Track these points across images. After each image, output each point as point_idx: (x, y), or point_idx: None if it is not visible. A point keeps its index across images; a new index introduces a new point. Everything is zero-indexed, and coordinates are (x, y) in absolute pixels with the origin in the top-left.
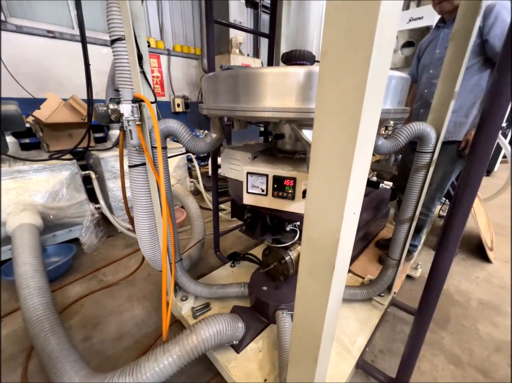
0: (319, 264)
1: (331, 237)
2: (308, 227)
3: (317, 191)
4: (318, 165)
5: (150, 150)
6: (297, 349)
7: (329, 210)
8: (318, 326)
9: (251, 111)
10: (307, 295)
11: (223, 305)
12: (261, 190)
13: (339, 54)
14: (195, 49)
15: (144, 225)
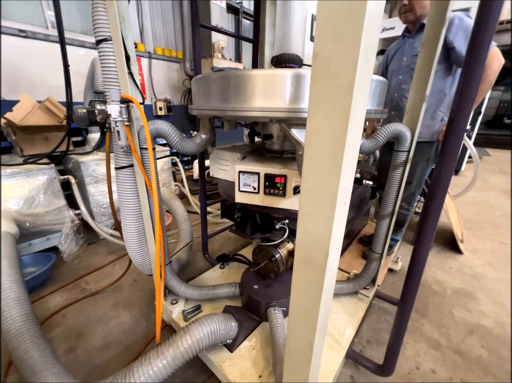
0: (314, 252)
1: (325, 226)
2: (303, 218)
3: (311, 184)
4: (311, 159)
5: (138, 151)
6: (294, 338)
7: (323, 200)
8: (313, 313)
9: (242, 111)
10: (303, 283)
11: (214, 306)
12: (253, 188)
13: (330, 57)
14: (177, 52)
15: (132, 228)
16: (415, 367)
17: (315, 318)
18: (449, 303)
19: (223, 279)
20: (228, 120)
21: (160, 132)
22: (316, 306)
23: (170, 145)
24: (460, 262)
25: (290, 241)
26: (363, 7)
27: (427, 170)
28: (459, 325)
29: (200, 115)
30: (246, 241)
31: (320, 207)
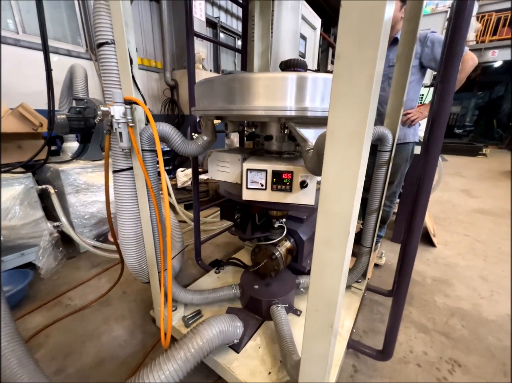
0: (335, 233)
1: (346, 207)
2: (324, 202)
3: (332, 170)
4: (333, 146)
5: (141, 153)
6: (313, 321)
7: (344, 184)
8: (334, 291)
9: (253, 109)
10: (324, 263)
11: (214, 310)
12: (261, 185)
13: (351, 57)
14: (156, 62)
15: (130, 233)
16: (409, 351)
17: (336, 295)
18: (430, 291)
19: (220, 283)
20: (232, 121)
21: (164, 134)
22: (337, 285)
23: (172, 147)
24: (435, 254)
25: (287, 240)
26: (381, 14)
27: (405, 170)
28: (441, 310)
29: (205, 115)
30: (237, 246)
31: (341, 190)
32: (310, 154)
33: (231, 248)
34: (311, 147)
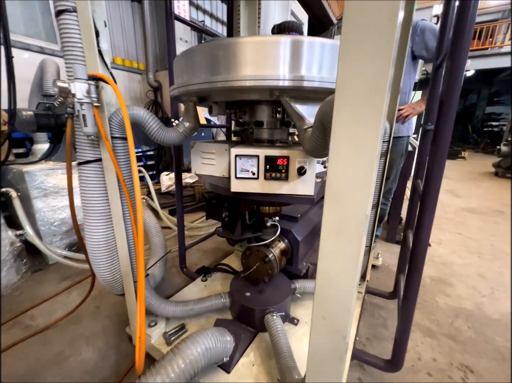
0: (349, 218)
1: (362, 183)
2: (333, 180)
3: (343, 137)
4: (344, 105)
5: (110, 140)
6: (320, 332)
7: (359, 155)
8: (347, 293)
9: (239, 80)
10: (333, 258)
11: (201, 323)
12: (252, 174)
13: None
14: (138, 63)
15: (100, 237)
16: (417, 358)
17: (349, 298)
18: (430, 291)
19: (207, 292)
20: (216, 103)
21: (137, 119)
22: (351, 284)
23: (148, 135)
24: (430, 253)
25: (281, 240)
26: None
27: (400, 166)
28: (444, 311)
29: (185, 92)
30: (226, 252)
31: (356, 162)
32: (309, 133)
33: (219, 254)
34: (309, 125)
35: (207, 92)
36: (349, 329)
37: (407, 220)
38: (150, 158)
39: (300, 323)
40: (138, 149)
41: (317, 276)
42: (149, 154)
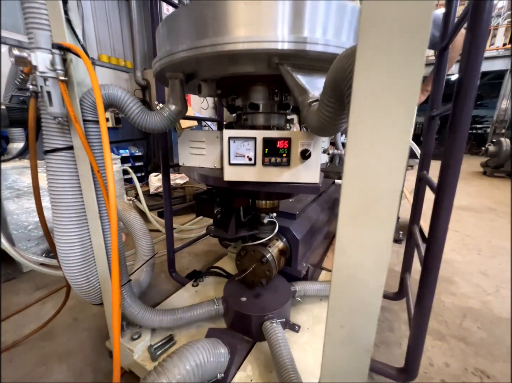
0: (377, 196)
1: (395, 152)
2: (355, 150)
3: (368, 92)
4: (372, 47)
5: (81, 123)
6: (337, 343)
7: (390, 111)
8: (374, 293)
9: (230, 43)
10: (358, 250)
11: (191, 334)
12: (248, 159)
13: None
14: (126, 62)
15: (72, 237)
16: (429, 364)
17: (376, 300)
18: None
19: (199, 298)
20: (205, 81)
21: (113, 100)
22: (379, 282)
23: (128, 118)
24: None
25: (278, 239)
26: None
27: None
28: (451, 311)
29: (169, 64)
30: (219, 254)
31: (385, 122)
32: (315, 107)
33: (211, 257)
34: (314, 99)
35: (194, 64)
36: (373, 339)
37: (412, 215)
38: (138, 159)
39: (301, 329)
40: (125, 150)
41: (333, 274)
42: (137, 155)
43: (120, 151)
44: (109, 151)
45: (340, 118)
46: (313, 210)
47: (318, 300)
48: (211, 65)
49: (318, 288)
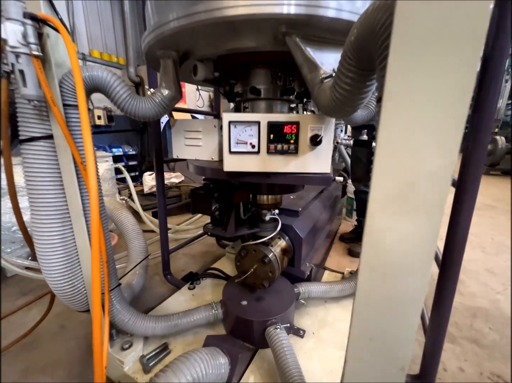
0: (422, 176)
1: (448, 125)
2: (392, 118)
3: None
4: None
5: (61, 108)
6: (363, 359)
7: (446, 73)
8: (414, 300)
9: (228, 7)
10: (395, 245)
11: (188, 342)
12: (251, 146)
13: None
14: (118, 58)
15: (54, 237)
16: (442, 369)
17: (418, 305)
18: None
19: (196, 302)
20: (201, 61)
21: (98, 83)
22: (424, 272)
23: (115, 104)
24: None
25: (281, 238)
26: None
27: None
28: (461, 311)
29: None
30: (216, 255)
31: (430, 93)
32: (328, 84)
33: (209, 258)
34: (328, 75)
35: (188, 38)
36: (411, 354)
37: None
38: (132, 158)
39: (306, 334)
40: (118, 148)
41: (360, 275)
42: (131, 154)
43: (113, 149)
44: (90, 139)
45: (361, 92)
46: (315, 207)
47: (323, 302)
48: (207, 39)
49: (323, 289)
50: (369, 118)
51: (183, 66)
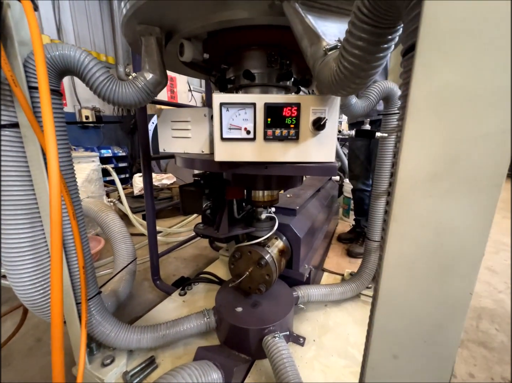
0: (467, 146)
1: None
2: (425, 78)
3: None
4: None
5: (26, 92)
6: (386, 377)
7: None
8: (456, 301)
9: None
10: (438, 229)
11: (178, 354)
12: (246, 132)
13: None
14: (107, 57)
15: (22, 240)
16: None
17: (467, 295)
18: None
19: (187, 309)
20: (188, 39)
21: (70, 63)
22: (471, 272)
23: (91, 89)
24: None
25: (277, 238)
26: None
27: None
28: None
29: (140, 14)
30: (209, 259)
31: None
32: (333, 55)
33: (201, 261)
34: (332, 45)
35: (171, 8)
36: (450, 377)
37: None
38: (122, 160)
39: (307, 342)
40: (107, 150)
41: (382, 276)
42: (120, 155)
43: (102, 151)
44: (52, 125)
45: (374, 58)
46: (312, 206)
47: (323, 306)
48: (193, 9)
49: (324, 292)
50: (368, 109)
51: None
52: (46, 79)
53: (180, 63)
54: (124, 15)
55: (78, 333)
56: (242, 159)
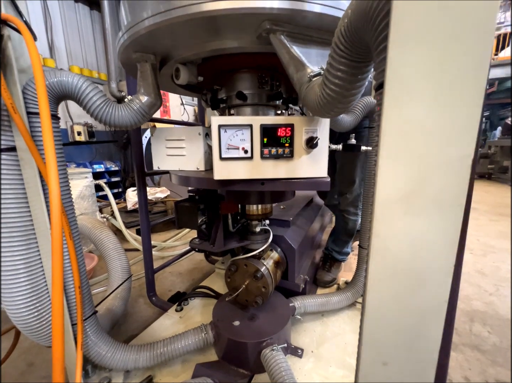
0: (434, 170)
1: (467, 105)
2: (393, 108)
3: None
4: None
5: (25, 117)
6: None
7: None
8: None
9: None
10: (408, 249)
11: (176, 372)
12: (244, 151)
13: None
14: (99, 74)
15: (16, 262)
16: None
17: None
18: None
19: (183, 325)
20: (184, 64)
21: (67, 89)
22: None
23: (88, 113)
24: None
25: (273, 250)
26: None
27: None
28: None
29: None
30: (205, 272)
31: (444, 71)
32: (317, 81)
33: (197, 275)
34: (316, 73)
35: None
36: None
37: None
38: (114, 175)
39: (305, 353)
40: (100, 165)
41: (367, 290)
42: (113, 170)
43: (94, 166)
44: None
45: (353, 86)
46: (306, 217)
47: (320, 316)
48: (186, 39)
49: (320, 302)
50: (355, 124)
51: (165, 73)
52: (47, 107)
53: (173, 83)
54: (122, 44)
55: (73, 356)
56: (240, 177)
